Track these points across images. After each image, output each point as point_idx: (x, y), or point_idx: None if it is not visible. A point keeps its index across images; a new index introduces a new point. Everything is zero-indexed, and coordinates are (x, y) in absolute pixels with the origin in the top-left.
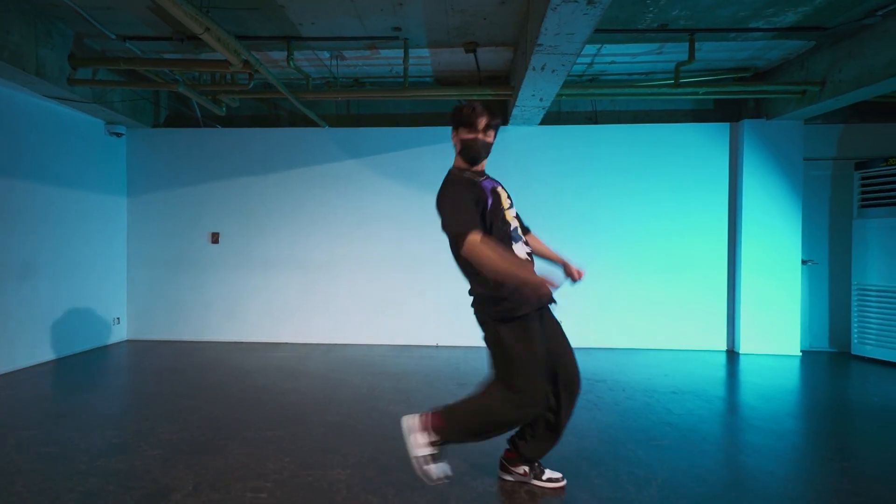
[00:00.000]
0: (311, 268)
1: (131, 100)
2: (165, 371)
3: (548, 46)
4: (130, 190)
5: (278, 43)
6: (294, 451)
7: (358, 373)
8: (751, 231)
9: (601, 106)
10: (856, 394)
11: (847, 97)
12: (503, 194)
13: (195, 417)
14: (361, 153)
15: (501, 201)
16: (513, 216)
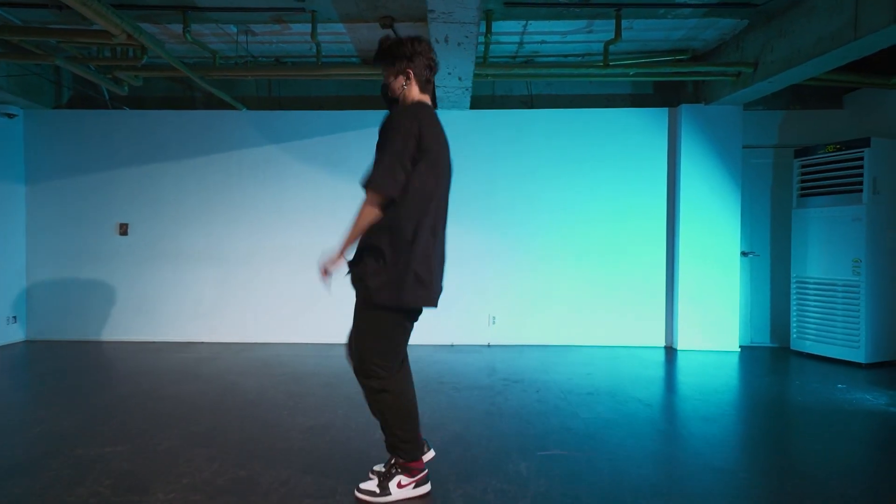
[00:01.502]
0: (228, 261)
1: (21, 75)
2: (44, 374)
3: (440, 13)
4: (29, 177)
5: (174, 14)
6: (122, 470)
7: (257, 374)
8: (689, 221)
9: (537, 89)
10: (785, 393)
11: (779, 78)
12: None
13: (35, 430)
14: (283, 138)
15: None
16: None
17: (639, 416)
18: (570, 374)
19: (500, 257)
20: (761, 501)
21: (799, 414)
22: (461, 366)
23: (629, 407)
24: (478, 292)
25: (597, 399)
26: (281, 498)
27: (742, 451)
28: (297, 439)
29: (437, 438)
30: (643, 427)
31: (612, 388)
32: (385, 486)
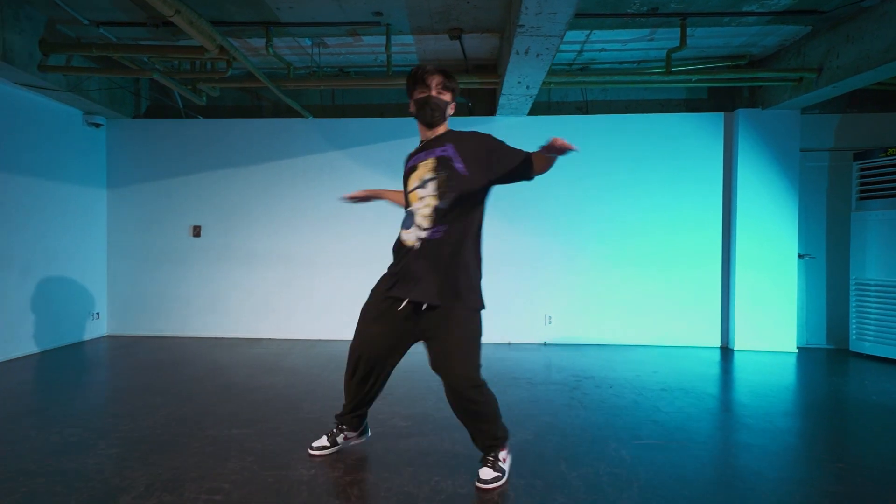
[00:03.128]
0: (293, 262)
1: (109, 89)
2: (139, 367)
3: (530, 27)
4: (111, 182)
5: (257, 29)
6: (258, 449)
7: (337, 369)
8: (745, 224)
9: (592, 95)
10: (852, 391)
11: (844, 84)
12: (423, 169)
13: (161, 414)
14: (346, 144)
15: (411, 177)
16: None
17: (719, 411)
18: (636, 371)
19: (555, 260)
20: (865, 488)
21: (876, 411)
22: (526, 363)
23: (706, 403)
24: (534, 293)
25: (672, 395)
26: (412, 476)
27: (834, 444)
28: (402, 427)
29: (533, 426)
30: (727, 421)
31: (683, 386)
32: (499, 467)
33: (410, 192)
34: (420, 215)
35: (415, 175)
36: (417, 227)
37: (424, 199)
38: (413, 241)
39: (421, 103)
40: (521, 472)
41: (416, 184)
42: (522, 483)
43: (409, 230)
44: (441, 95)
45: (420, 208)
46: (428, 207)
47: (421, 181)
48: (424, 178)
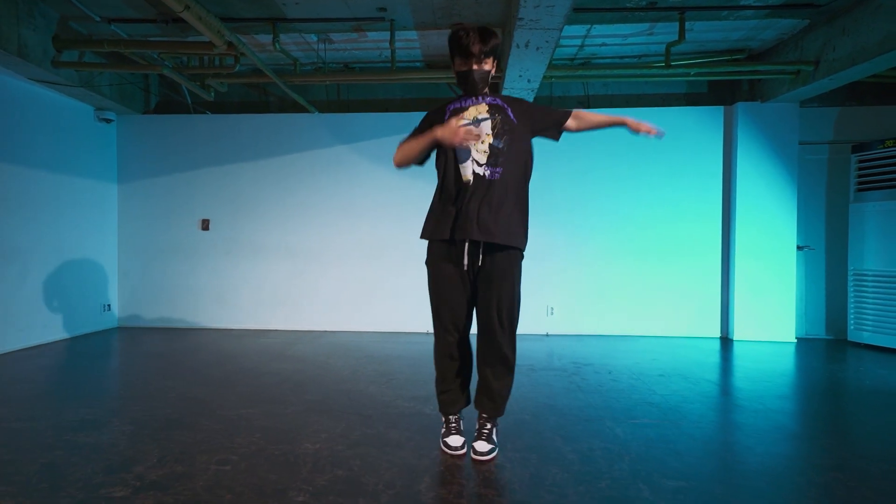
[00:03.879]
0: (301, 254)
1: (119, 84)
2: (150, 355)
3: (528, 20)
4: (121, 176)
5: (264, 25)
6: (266, 427)
7: (343, 357)
8: (745, 216)
9: (593, 90)
10: (845, 377)
11: (841, 76)
12: (474, 111)
13: (171, 396)
14: (351, 139)
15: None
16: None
17: (714, 394)
18: (635, 359)
19: (556, 252)
20: (850, 461)
21: (868, 395)
22: (527, 351)
23: (702, 387)
24: (536, 284)
25: (669, 380)
26: (414, 449)
27: (821, 423)
28: (405, 407)
29: (532, 407)
30: (721, 403)
31: (681, 372)
32: (493, 440)
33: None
34: (476, 150)
35: (466, 115)
36: (475, 162)
37: (480, 136)
38: (469, 176)
39: (462, 77)
40: (517, 447)
41: (468, 122)
42: (518, 456)
43: (465, 164)
44: (483, 66)
45: (476, 145)
46: (484, 143)
47: (473, 119)
48: (478, 117)
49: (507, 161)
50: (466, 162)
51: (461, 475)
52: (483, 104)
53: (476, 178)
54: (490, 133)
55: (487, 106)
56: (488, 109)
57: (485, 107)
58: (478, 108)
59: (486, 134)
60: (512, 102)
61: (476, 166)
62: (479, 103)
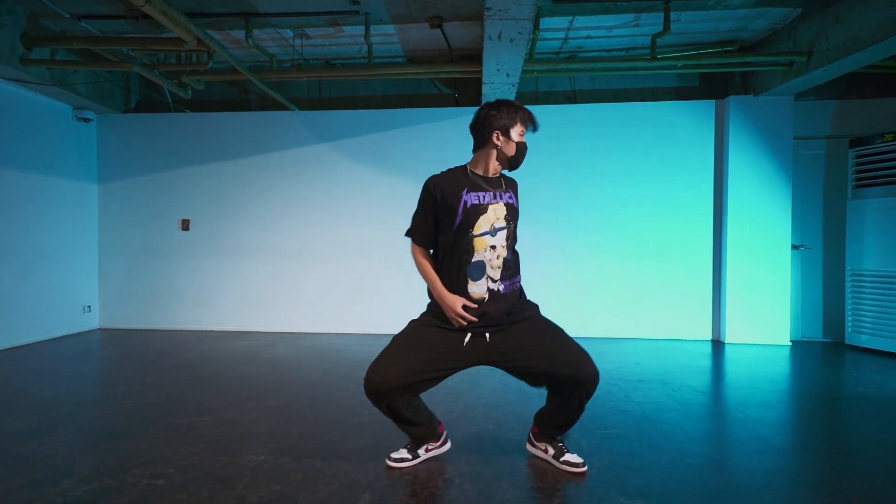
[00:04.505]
0: (282, 254)
1: (96, 82)
2: (121, 358)
3: (497, 10)
4: (101, 176)
5: (237, 20)
6: (214, 436)
7: (315, 360)
8: (737, 213)
9: (580, 84)
10: (837, 383)
11: (835, 66)
12: (493, 215)
13: (128, 403)
14: (332, 136)
15: (480, 220)
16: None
17: (693, 402)
18: (618, 363)
19: (542, 252)
20: (823, 479)
21: (858, 403)
22: None
23: (682, 393)
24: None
25: (649, 386)
26: (362, 463)
27: (800, 433)
28: (365, 415)
29: (498, 416)
30: (699, 411)
31: (662, 377)
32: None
33: (478, 236)
34: (491, 266)
35: (485, 219)
36: (489, 279)
37: (496, 249)
38: (482, 293)
39: (521, 149)
40: (472, 461)
41: (486, 229)
42: (471, 470)
43: (478, 282)
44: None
45: (491, 259)
46: (499, 259)
47: (492, 228)
48: (496, 226)
49: (515, 266)
50: (481, 280)
51: (404, 491)
52: (502, 204)
53: (490, 293)
54: (504, 245)
55: (505, 209)
56: (506, 215)
57: (503, 209)
58: (496, 209)
59: (501, 246)
60: (515, 191)
61: (490, 283)
62: (498, 202)
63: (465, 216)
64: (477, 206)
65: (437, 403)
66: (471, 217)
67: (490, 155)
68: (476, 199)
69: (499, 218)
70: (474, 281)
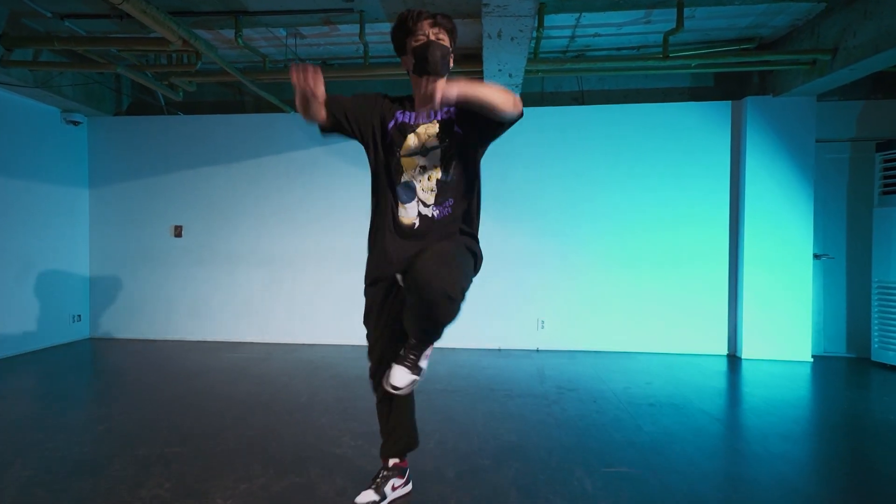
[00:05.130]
0: (276, 262)
1: (85, 84)
2: (105, 373)
3: (495, 7)
4: (92, 181)
5: (226, 19)
6: (183, 473)
7: (306, 377)
8: (755, 221)
9: (588, 85)
10: (868, 409)
11: (863, 65)
12: (425, 134)
13: (100, 429)
14: (329, 140)
15: (408, 138)
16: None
17: (709, 432)
18: (627, 382)
19: (549, 261)
20: None
21: (890, 435)
22: (511, 371)
23: (697, 421)
24: (525, 296)
25: (660, 411)
26: None
27: (829, 475)
28: (349, 445)
29: (493, 448)
30: (715, 443)
31: (675, 400)
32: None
33: (405, 156)
34: (422, 188)
35: (413, 137)
36: (420, 203)
37: (426, 169)
38: (413, 219)
39: (421, 51)
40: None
41: (415, 149)
42: None
43: (407, 205)
44: (440, 40)
45: (421, 180)
46: (431, 181)
47: (421, 147)
48: (427, 145)
49: (456, 192)
50: (411, 202)
51: None
52: (434, 123)
53: (422, 219)
54: (439, 166)
55: (438, 127)
56: (438, 133)
57: (435, 129)
58: (428, 128)
59: (435, 167)
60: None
61: (422, 207)
62: (431, 121)
63: (392, 134)
64: (410, 125)
65: (430, 433)
66: (401, 134)
67: (412, 80)
68: (410, 119)
69: (431, 137)
70: (403, 204)
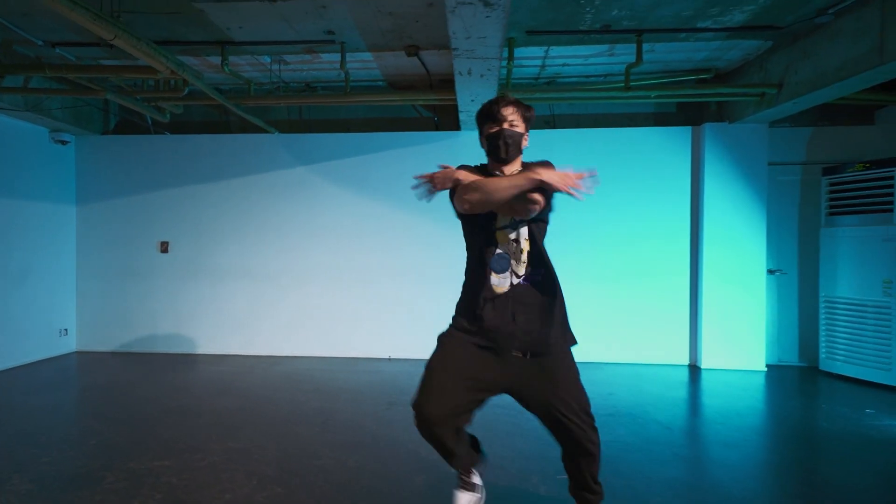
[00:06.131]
0: (260, 278)
1: (73, 107)
2: (93, 388)
3: (464, 51)
4: (80, 198)
5: (213, 48)
6: (170, 485)
7: (289, 390)
8: (713, 239)
9: (559, 109)
10: (809, 417)
11: (804, 100)
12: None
13: (91, 444)
14: (312, 159)
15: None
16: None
17: (659, 441)
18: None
19: None
20: None
21: (824, 441)
22: None
23: (650, 430)
24: None
25: (618, 421)
26: None
27: (762, 479)
28: (328, 457)
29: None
30: (663, 452)
31: (633, 410)
32: None
33: (500, 229)
34: (515, 259)
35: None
36: (513, 275)
37: (518, 241)
38: (505, 288)
39: (493, 138)
40: None
41: (507, 223)
42: None
43: (501, 275)
44: (514, 127)
45: (514, 251)
46: (523, 252)
47: (511, 221)
48: (516, 220)
49: (545, 260)
50: (504, 273)
51: None
52: None
53: (512, 288)
54: (528, 239)
55: None
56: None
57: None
58: None
59: (525, 240)
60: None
61: (514, 278)
62: None
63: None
64: None
65: (403, 443)
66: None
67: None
68: None
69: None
70: (497, 273)
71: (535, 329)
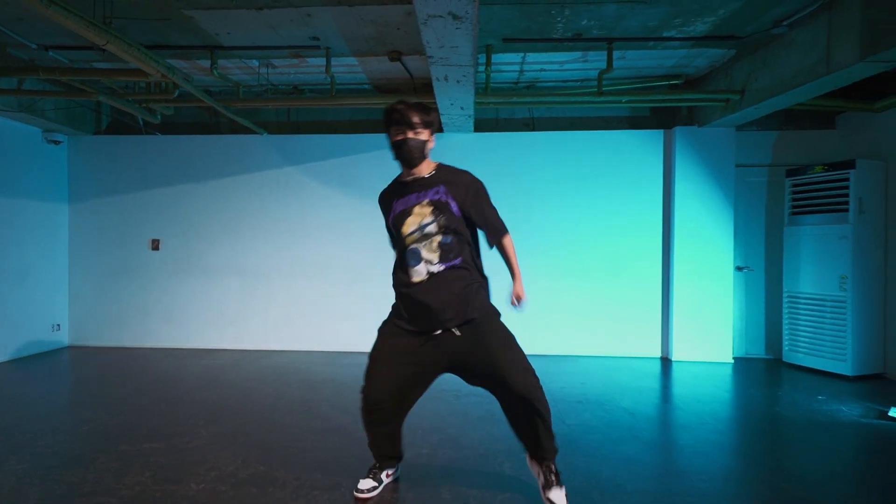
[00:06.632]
0: (250, 274)
1: (67, 108)
2: (86, 380)
3: (439, 58)
4: (72, 197)
5: (203, 52)
6: (160, 464)
7: (274, 382)
8: (683, 237)
9: (538, 112)
10: (761, 402)
11: (764, 105)
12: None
13: (84, 430)
14: (300, 160)
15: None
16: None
17: (620, 424)
18: (564, 383)
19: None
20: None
21: (773, 424)
22: None
23: (614, 415)
24: None
25: (585, 407)
26: (294, 490)
27: (709, 456)
28: (309, 440)
29: (434, 440)
30: (622, 434)
31: (601, 398)
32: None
33: (408, 235)
34: (426, 251)
35: (410, 220)
36: (427, 262)
37: (429, 237)
38: (423, 276)
39: (398, 146)
40: (396, 486)
41: (414, 229)
42: (397, 497)
43: (416, 266)
44: (418, 135)
45: (424, 245)
46: (433, 243)
47: (419, 227)
48: (423, 224)
49: (458, 246)
50: (419, 266)
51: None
52: (426, 203)
53: (430, 275)
54: (437, 233)
55: (431, 206)
56: (432, 211)
57: (428, 209)
58: (422, 209)
59: (434, 234)
60: (456, 191)
61: (430, 266)
62: (422, 201)
63: (395, 221)
64: (403, 211)
65: None
66: (399, 222)
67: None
68: (402, 205)
69: (425, 216)
70: (412, 266)
71: (454, 305)
